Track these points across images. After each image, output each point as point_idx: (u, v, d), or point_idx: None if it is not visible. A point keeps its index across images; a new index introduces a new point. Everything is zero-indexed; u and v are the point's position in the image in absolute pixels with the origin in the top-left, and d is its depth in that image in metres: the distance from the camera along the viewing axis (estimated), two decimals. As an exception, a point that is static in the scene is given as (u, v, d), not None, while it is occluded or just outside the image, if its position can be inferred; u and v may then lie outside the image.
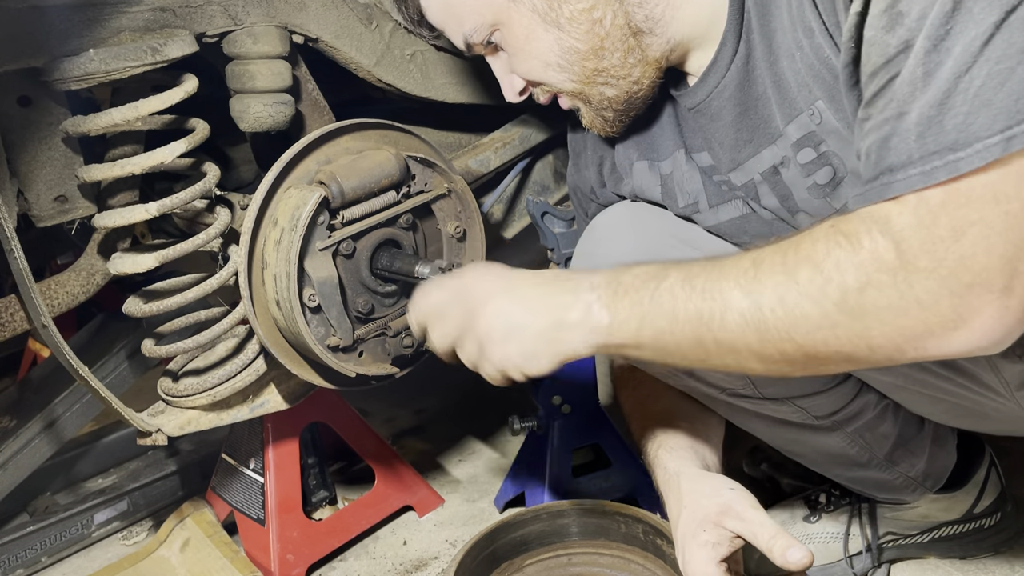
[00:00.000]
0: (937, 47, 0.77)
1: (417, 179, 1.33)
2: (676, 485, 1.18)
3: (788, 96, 1.06)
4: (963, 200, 0.77)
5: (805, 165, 1.10)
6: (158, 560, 1.68)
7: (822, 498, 1.52)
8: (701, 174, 1.25)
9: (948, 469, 1.44)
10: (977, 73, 0.75)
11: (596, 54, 1.12)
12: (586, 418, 1.67)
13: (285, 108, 1.29)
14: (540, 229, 1.59)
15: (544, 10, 1.10)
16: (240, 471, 1.69)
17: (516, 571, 1.38)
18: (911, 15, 0.79)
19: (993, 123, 0.75)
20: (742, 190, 1.20)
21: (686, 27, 1.12)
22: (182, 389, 1.34)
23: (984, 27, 0.75)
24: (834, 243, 0.83)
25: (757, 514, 1.07)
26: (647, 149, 1.30)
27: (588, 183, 1.41)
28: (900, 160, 0.80)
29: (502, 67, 1.23)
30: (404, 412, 2.25)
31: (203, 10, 1.22)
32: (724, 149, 1.18)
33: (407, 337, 1.33)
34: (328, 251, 1.24)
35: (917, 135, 0.79)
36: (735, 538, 1.08)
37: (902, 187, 0.79)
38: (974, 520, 1.46)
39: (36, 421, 1.55)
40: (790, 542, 1.02)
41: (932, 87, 0.77)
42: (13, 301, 1.27)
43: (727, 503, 1.10)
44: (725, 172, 1.20)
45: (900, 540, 1.48)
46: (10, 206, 1.18)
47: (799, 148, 1.09)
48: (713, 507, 1.10)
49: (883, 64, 0.82)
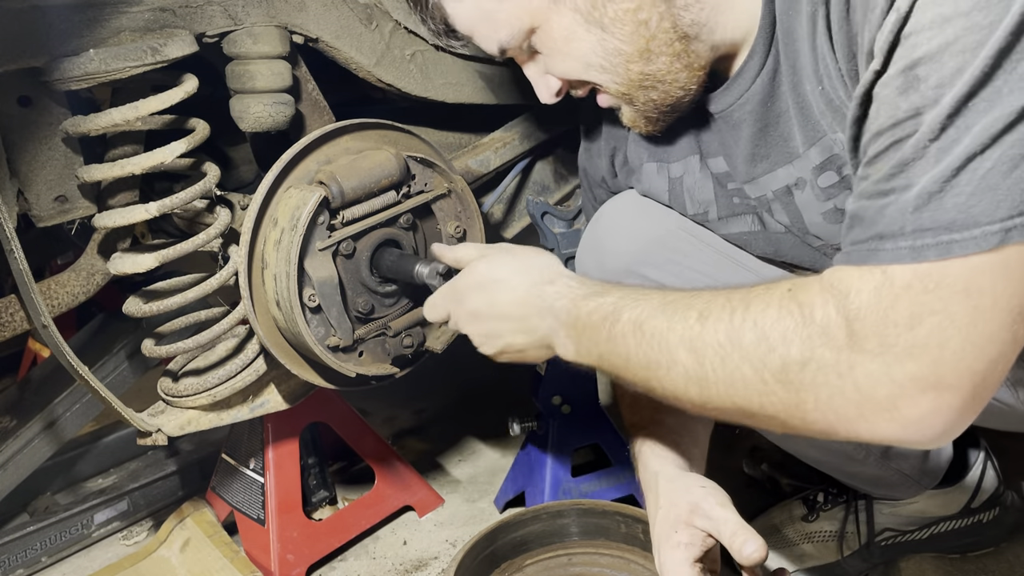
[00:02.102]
0: (954, 122, 0.74)
1: (417, 179, 1.33)
2: (655, 485, 1.18)
3: (811, 119, 1.04)
4: (931, 286, 0.74)
5: (826, 189, 1.08)
6: (158, 560, 1.68)
7: (820, 497, 1.53)
8: (714, 182, 1.24)
9: (944, 465, 1.44)
10: (989, 155, 0.72)
11: (643, 57, 1.07)
12: (586, 418, 1.67)
13: (285, 108, 1.29)
14: (540, 229, 1.59)
15: (587, 10, 1.06)
16: (240, 471, 1.69)
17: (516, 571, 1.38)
18: (928, 82, 0.75)
19: (996, 210, 0.72)
20: (756, 202, 1.19)
21: (728, 33, 1.09)
22: (182, 389, 1.34)
23: (1010, 110, 0.72)
24: (786, 311, 0.82)
25: (723, 511, 1.07)
26: (659, 150, 1.29)
27: (599, 172, 1.41)
28: (891, 229, 0.77)
29: (536, 70, 1.18)
30: (404, 412, 2.25)
31: (203, 10, 1.22)
32: (741, 160, 1.17)
33: (407, 337, 1.33)
34: (328, 251, 1.24)
35: (915, 207, 0.76)
36: (707, 537, 1.08)
37: (888, 257, 0.77)
38: (972, 515, 1.46)
39: (36, 421, 1.55)
40: (747, 536, 1.02)
41: (943, 162, 0.74)
42: (13, 301, 1.27)
43: (696, 502, 1.09)
44: (740, 182, 1.19)
45: (898, 537, 1.48)
46: (10, 206, 1.18)
47: (821, 171, 1.07)
48: (685, 506, 1.10)
49: (890, 126, 0.79)
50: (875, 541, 1.48)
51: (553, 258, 1.12)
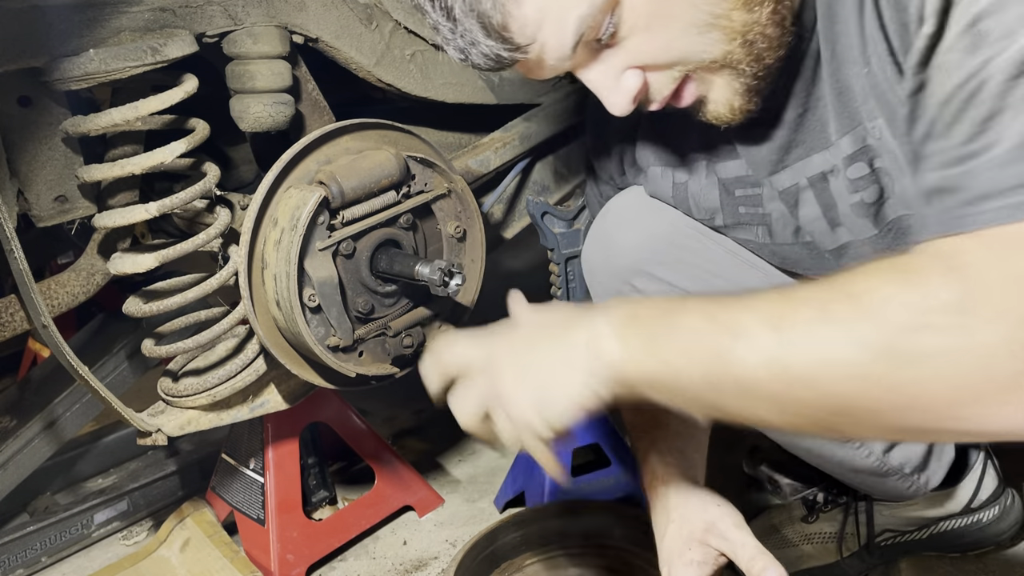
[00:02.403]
0: None
1: (417, 179, 1.33)
2: (664, 496, 1.17)
3: (849, 106, 1.00)
4: None
5: (855, 180, 1.05)
6: (158, 560, 1.68)
7: (820, 498, 1.52)
8: (721, 190, 1.20)
9: (947, 466, 1.44)
10: None
11: (746, 5, 0.93)
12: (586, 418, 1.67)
13: (285, 108, 1.29)
14: (540, 229, 1.59)
15: None
16: (240, 471, 1.69)
17: (516, 571, 1.38)
18: (994, 34, 0.72)
19: None
20: (781, 197, 1.14)
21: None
22: (182, 389, 1.34)
23: None
24: (887, 279, 0.72)
25: (740, 533, 1.07)
26: (665, 154, 1.27)
27: (608, 170, 1.39)
28: (986, 190, 0.71)
29: (606, 70, 0.99)
30: (404, 412, 2.25)
31: (203, 10, 1.22)
32: (772, 149, 1.11)
33: (407, 337, 1.33)
34: (328, 251, 1.24)
35: (1006, 162, 0.70)
36: (720, 556, 1.09)
37: (983, 219, 0.70)
38: (972, 515, 1.46)
39: (36, 421, 1.55)
40: (767, 563, 1.02)
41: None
42: (13, 301, 1.27)
43: (712, 521, 1.09)
44: (764, 175, 1.14)
45: (898, 537, 1.48)
46: (10, 206, 1.18)
47: (852, 162, 1.04)
48: (699, 524, 1.10)
49: (958, 88, 0.74)
50: (875, 542, 1.47)
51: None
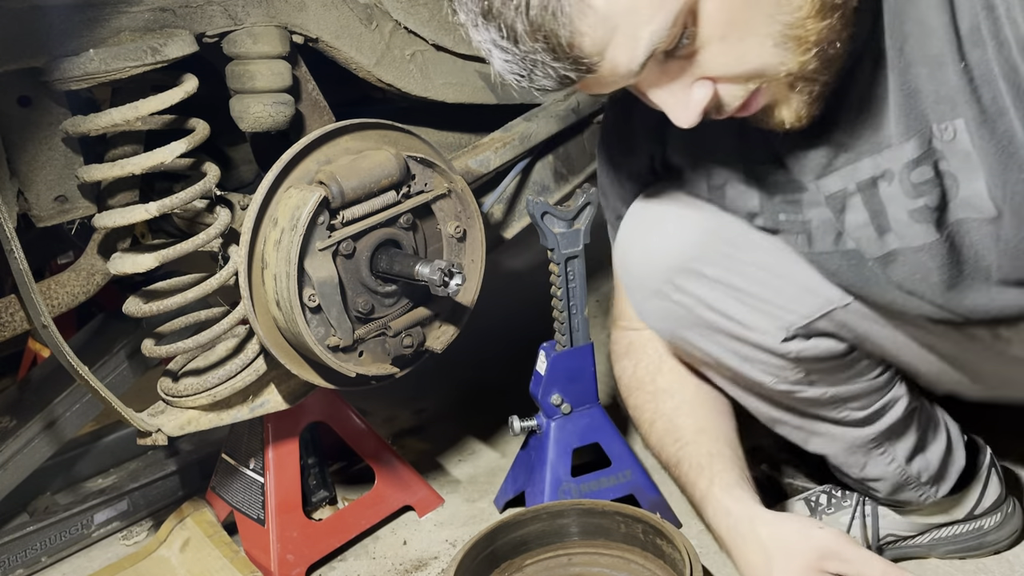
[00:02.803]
0: None
1: (417, 179, 1.33)
2: (751, 531, 1.13)
3: (916, 108, 0.95)
4: None
5: (917, 185, 0.99)
6: (158, 560, 1.68)
7: (823, 499, 1.52)
8: (760, 195, 1.13)
9: (958, 472, 1.43)
10: None
11: (820, 12, 0.87)
12: (586, 418, 1.67)
13: (285, 108, 1.29)
14: (540, 229, 1.59)
15: None
16: (240, 471, 1.69)
17: (516, 571, 1.38)
18: None
19: None
20: (826, 203, 1.08)
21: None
22: (182, 389, 1.34)
23: None
24: None
25: (859, 552, 1.04)
26: (701, 156, 1.18)
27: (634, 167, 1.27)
28: None
29: (677, 85, 0.92)
30: (404, 412, 2.25)
31: (203, 10, 1.22)
32: (820, 152, 1.05)
33: (407, 337, 1.33)
34: (328, 251, 1.24)
35: None
36: None
37: None
38: (975, 520, 1.46)
39: (36, 421, 1.54)
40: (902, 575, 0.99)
41: None
42: (13, 301, 1.27)
43: (824, 546, 1.07)
44: (810, 180, 1.07)
45: (901, 541, 1.48)
46: (10, 206, 1.18)
47: (916, 166, 0.99)
48: (811, 553, 1.07)
49: None
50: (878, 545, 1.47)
51: None
